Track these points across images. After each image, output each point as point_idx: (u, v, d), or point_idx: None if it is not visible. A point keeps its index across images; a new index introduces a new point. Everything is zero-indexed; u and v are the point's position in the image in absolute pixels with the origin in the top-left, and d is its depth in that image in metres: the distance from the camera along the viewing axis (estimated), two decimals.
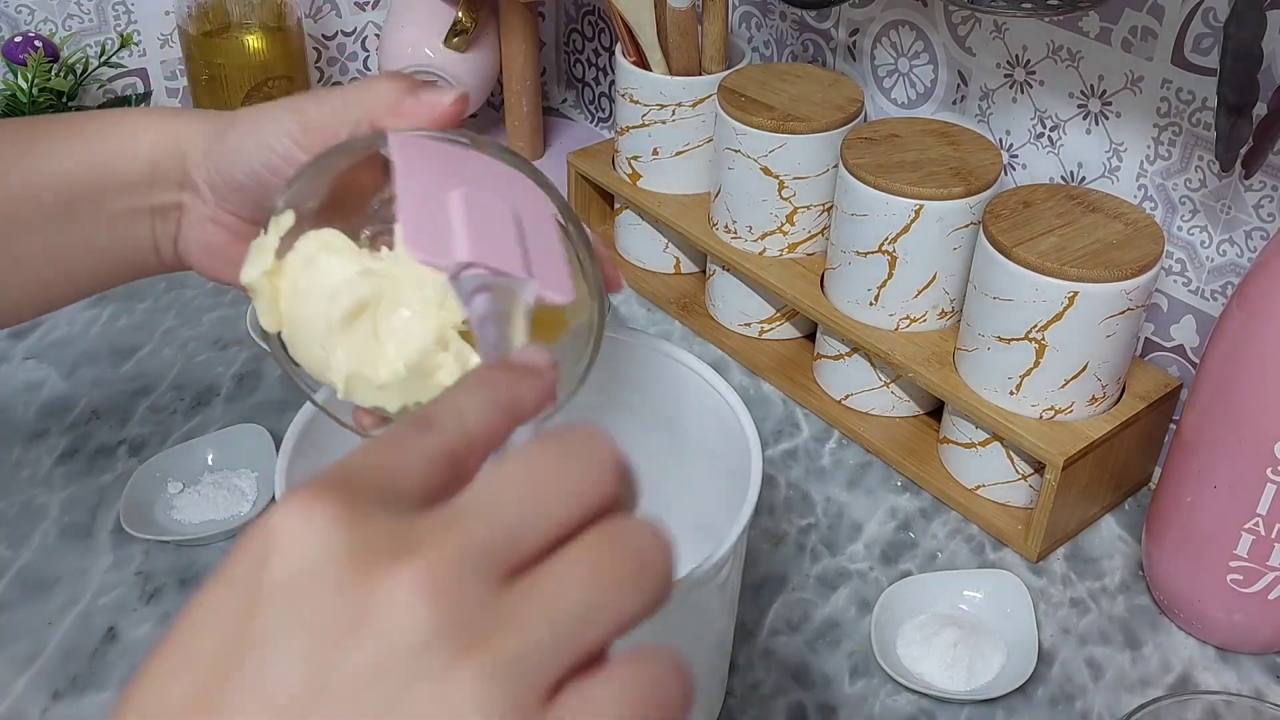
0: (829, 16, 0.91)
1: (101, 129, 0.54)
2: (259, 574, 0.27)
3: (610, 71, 1.12)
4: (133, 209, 0.54)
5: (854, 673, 0.67)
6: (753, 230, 0.85)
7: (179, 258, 0.56)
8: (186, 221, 0.55)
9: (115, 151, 0.54)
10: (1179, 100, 0.71)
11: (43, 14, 0.93)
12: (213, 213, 0.54)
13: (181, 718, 0.26)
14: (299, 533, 0.27)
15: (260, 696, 0.26)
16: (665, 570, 0.29)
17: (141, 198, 0.54)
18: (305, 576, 0.27)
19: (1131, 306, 0.69)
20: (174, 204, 0.55)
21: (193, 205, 0.54)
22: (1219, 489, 0.64)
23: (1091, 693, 0.66)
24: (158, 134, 0.54)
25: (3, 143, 0.54)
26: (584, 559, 0.28)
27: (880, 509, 0.77)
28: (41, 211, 0.53)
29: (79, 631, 0.68)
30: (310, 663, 0.26)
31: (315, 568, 0.27)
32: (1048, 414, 0.72)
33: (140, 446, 0.80)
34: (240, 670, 0.26)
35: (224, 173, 0.52)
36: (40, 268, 0.55)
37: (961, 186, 0.74)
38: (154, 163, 0.53)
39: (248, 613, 0.27)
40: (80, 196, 0.54)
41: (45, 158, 0.53)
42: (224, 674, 0.26)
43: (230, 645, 0.27)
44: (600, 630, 0.28)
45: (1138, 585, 0.73)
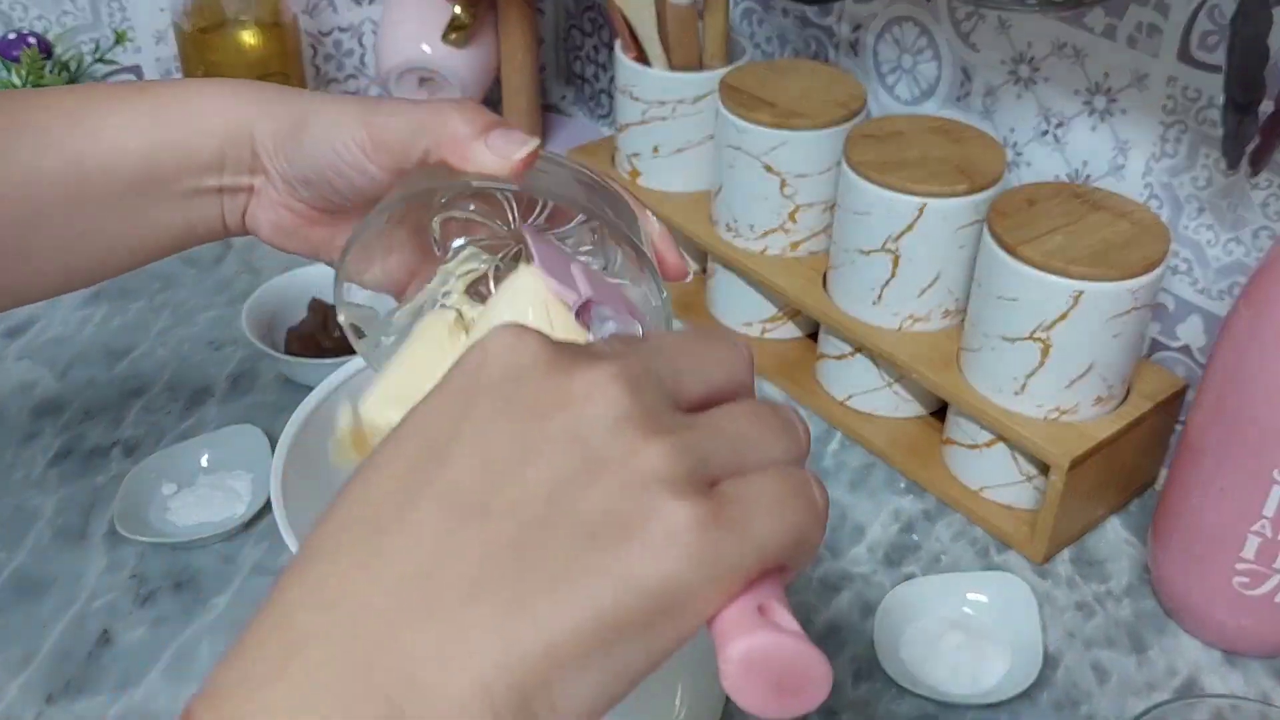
0: (831, 12, 0.90)
1: (169, 107, 0.54)
2: (476, 374, 0.32)
3: (610, 68, 1.12)
4: (201, 188, 0.55)
5: (857, 676, 0.66)
6: (754, 229, 0.85)
7: (246, 229, 0.57)
8: (257, 202, 0.55)
9: (185, 132, 0.54)
10: (1185, 98, 0.71)
11: (37, 10, 0.93)
12: (284, 199, 0.55)
13: (414, 470, 0.31)
14: (511, 343, 0.33)
15: (477, 455, 0.31)
16: (806, 434, 0.35)
17: (212, 179, 0.54)
18: (516, 370, 0.32)
19: (1137, 306, 0.68)
20: (245, 186, 0.55)
21: (264, 189, 0.55)
22: (1225, 491, 0.63)
23: (1097, 697, 0.66)
24: (229, 116, 0.54)
25: (69, 114, 0.54)
26: (744, 408, 0.34)
27: (883, 511, 0.77)
28: (110, 189, 0.54)
29: (73, 634, 0.67)
30: (519, 430, 0.31)
31: (526, 364, 0.32)
32: (1053, 415, 0.72)
33: (134, 448, 0.79)
34: (459, 438, 0.31)
35: (295, 168, 0.53)
36: (107, 240, 0.56)
37: (965, 184, 0.73)
38: (224, 146, 0.54)
39: (467, 401, 0.32)
40: (149, 176, 0.54)
41: (113, 135, 0.53)
42: (447, 440, 0.31)
43: (452, 422, 0.32)
44: (759, 454, 0.33)
45: (1143, 588, 0.72)
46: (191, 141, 0.54)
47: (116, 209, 0.54)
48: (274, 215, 0.56)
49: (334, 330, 0.83)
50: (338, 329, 0.83)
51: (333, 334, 0.83)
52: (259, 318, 0.84)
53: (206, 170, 0.54)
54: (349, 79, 1.09)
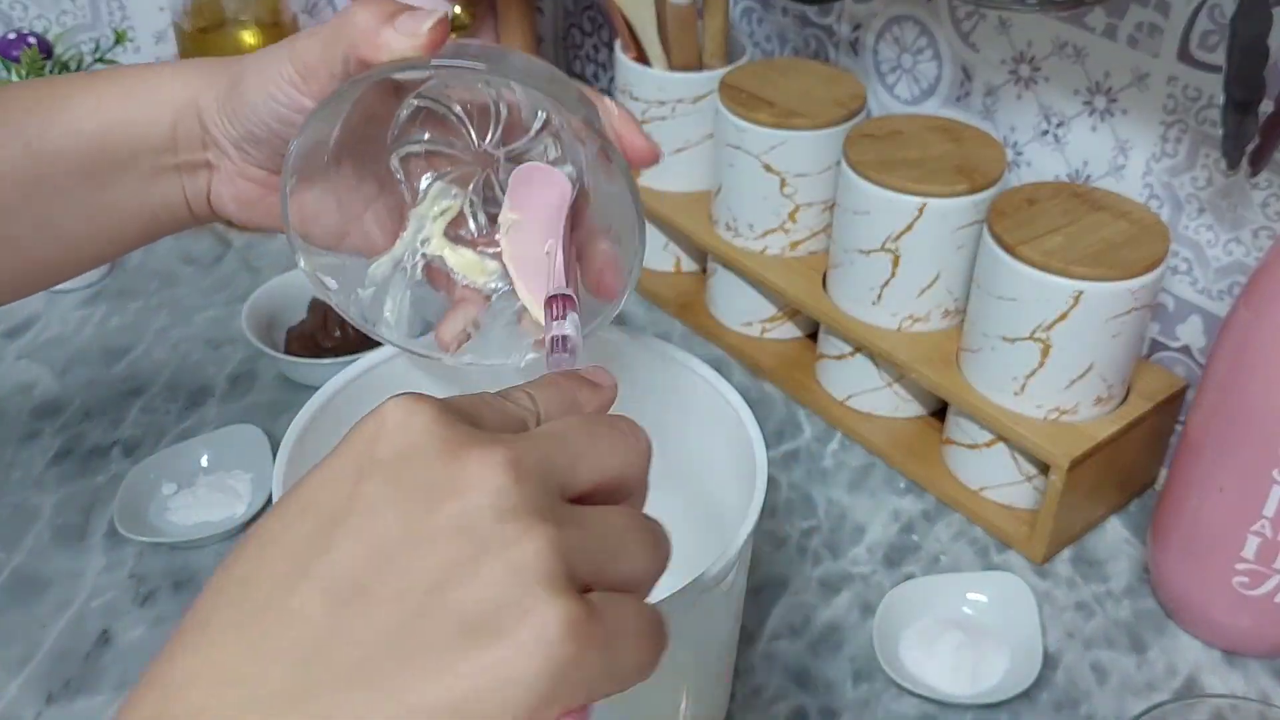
0: (831, 11, 0.90)
1: (122, 89, 0.54)
2: (370, 448, 0.33)
3: (609, 67, 1.12)
4: (159, 168, 0.54)
5: (856, 677, 0.66)
6: (754, 228, 0.85)
7: (213, 211, 0.57)
8: (216, 177, 0.55)
9: (137, 113, 0.54)
10: (1185, 97, 0.71)
11: (36, 10, 0.93)
12: (239, 167, 0.54)
13: (301, 550, 0.32)
14: (405, 420, 0.33)
15: (365, 540, 0.31)
16: (668, 555, 0.36)
17: (167, 157, 0.54)
18: (409, 451, 0.33)
19: (1137, 306, 0.68)
20: (201, 162, 0.55)
21: (219, 162, 0.55)
22: (1225, 491, 0.63)
23: (1097, 697, 0.66)
24: (176, 92, 0.54)
25: (25, 103, 0.54)
26: (626, 516, 0.35)
27: (883, 511, 0.77)
28: (67, 173, 0.53)
29: (72, 634, 0.67)
30: (408, 516, 0.31)
31: (418, 444, 0.33)
32: (1052, 415, 0.72)
33: (134, 447, 0.79)
34: (348, 519, 0.32)
35: (240, 128, 0.53)
36: (71, 227, 0.55)
37: (965, 184, 0.73)
38: (176, 123, 0.53)
39: (358, 478, 0.32)
40: (105, 158, 0.54)
41: (67, 119, 0.53)
42: (336, 520, 0.32)
43: (343, 501, 0.32)
44: (630, 567, 0.34)
45: (1143, 588, 0.72)
46: (142, 119, 0.53)
47: (74, 195, 0.54)
48: (234, 188, 0.55)
49: (334, 330, 0.83)
50: (338, 329, 0.83)
51: (333, 334, 0.83)
52: (258, 317, 0.84)
53: (161, 149, 0.54)
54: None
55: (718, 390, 0.60)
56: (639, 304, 0.94)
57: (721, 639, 0.56)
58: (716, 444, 0.60)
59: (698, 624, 0.52)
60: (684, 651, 0.52)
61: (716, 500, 0.60)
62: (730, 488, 0.58)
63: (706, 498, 0.61)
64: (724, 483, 0.59)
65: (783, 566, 0.73)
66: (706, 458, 0.61)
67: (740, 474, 0.56)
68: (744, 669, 0.66)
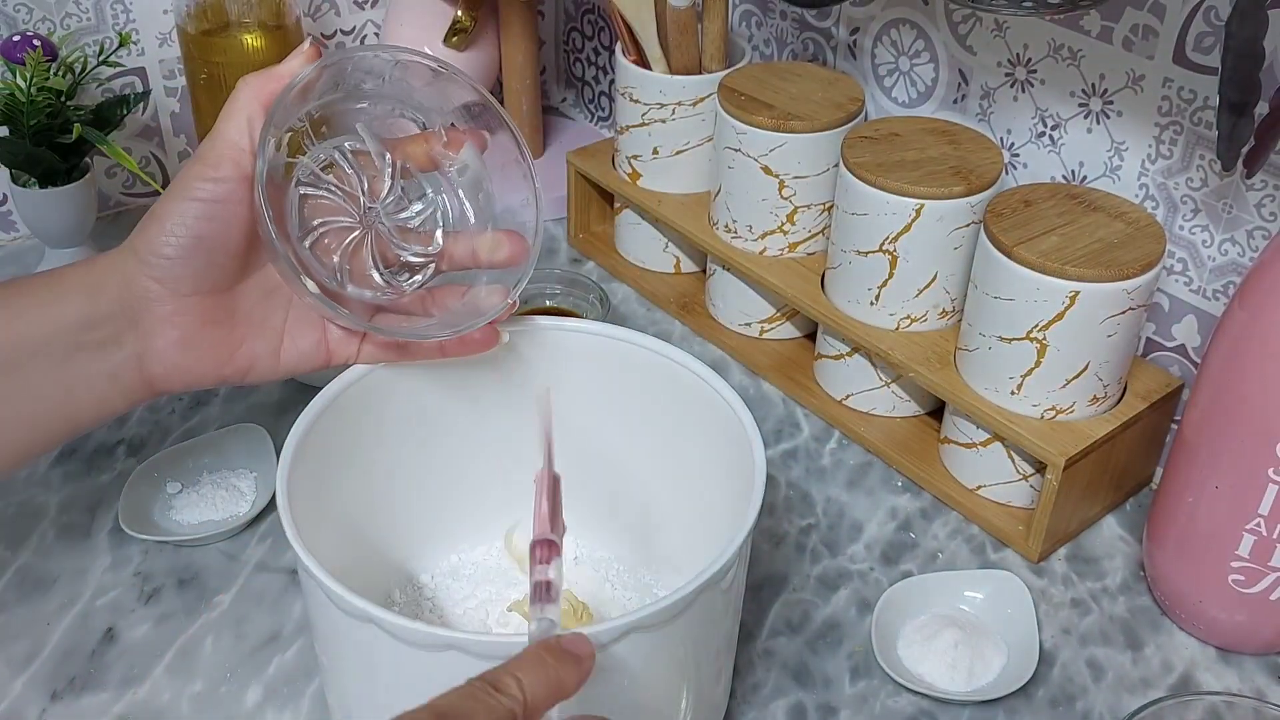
0: (829, 15, 0.90)
1: (23, 299, 0.56)
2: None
3: (610, 70, 1.12)
4: (76, 344, 0.55)
5: (854, 674, 0.67)
6: (753, 229, 0.85)
7: (145, 379, 0.57)
8: (146, 336, 0.56)
9: (44, 297, 0.55)
10: (1180, 99, 0.71)
11: (41, 13, 0.93)
12: (172, 306, 0.56)
13: None
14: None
15: None
16: None
17: (83, 334, 0.55)
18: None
19: (1133, 306, 0.69)
20: (122, 328, 0.56)
21: (145, 317, 0.56)
22: (1220, 489, 0.64)
23: (1093, 694, 0.66)
24: (84, 273, 0.56)
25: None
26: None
27: (881, 509, 0.77)
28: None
29: (77, 632, 0.67)
30: None
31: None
32: (1049, 414, 0.72)
33: (139, 446, 0.79)
34: None
35: (167, 252, 0.55)
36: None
37: (962, 186, 0.74)
38: (90, 298, 0.55)
39: None
40: (14, 343, 0.55)
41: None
42: None
43: None
44: None
45: (1139, 586, 0.72)
46: (54, 305, 0.55)
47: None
48: (172, 332, 0.56)
49: None
50: None
51: None
52: None
53: (77, 328, 0.55)
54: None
55: (716, 390, 0.60)
56: (639, 303, 0.95)
57: (721, 637, 0.57)
58: (716, 443, 0.60)
59: (698, 622, 0.53)
60: (684, 649, 0.53)
61: (715, 499, 0.61)
62: (729, 486, 0.58)
63: (706, 496, 0.62)
64: (723, 481, 0.59)
65: (781, 564, 0.73)
66: (706, 457, 0.61)
67: (739, 473, 0.57)
68: (743, 666, 0.67)
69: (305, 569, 0.51)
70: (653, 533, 0.67)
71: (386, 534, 0.65)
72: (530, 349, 0.64)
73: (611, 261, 0.98)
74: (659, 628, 0.50)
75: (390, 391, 0.63)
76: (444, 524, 0.68)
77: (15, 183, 0.90)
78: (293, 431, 0.57)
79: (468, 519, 0.68)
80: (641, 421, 0.65)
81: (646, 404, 0.64)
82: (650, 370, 0.63)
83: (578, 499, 0.54)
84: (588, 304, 0.91)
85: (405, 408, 0.63)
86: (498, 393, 0.65)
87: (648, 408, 0.65)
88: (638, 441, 0.65)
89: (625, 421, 0.65)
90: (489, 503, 0.67)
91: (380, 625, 0.49)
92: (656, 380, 0.63)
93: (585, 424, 0.64)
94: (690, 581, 0.50)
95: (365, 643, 0.51)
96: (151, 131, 1.02)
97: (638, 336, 0.64)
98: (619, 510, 0.67)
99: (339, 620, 0.51)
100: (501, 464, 0.66)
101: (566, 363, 0.65)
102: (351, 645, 0.52)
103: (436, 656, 0.48)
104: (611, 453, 0.66)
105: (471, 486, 0.67)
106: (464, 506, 0.68)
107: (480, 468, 0.67)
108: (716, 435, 0.60)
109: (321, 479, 0.58)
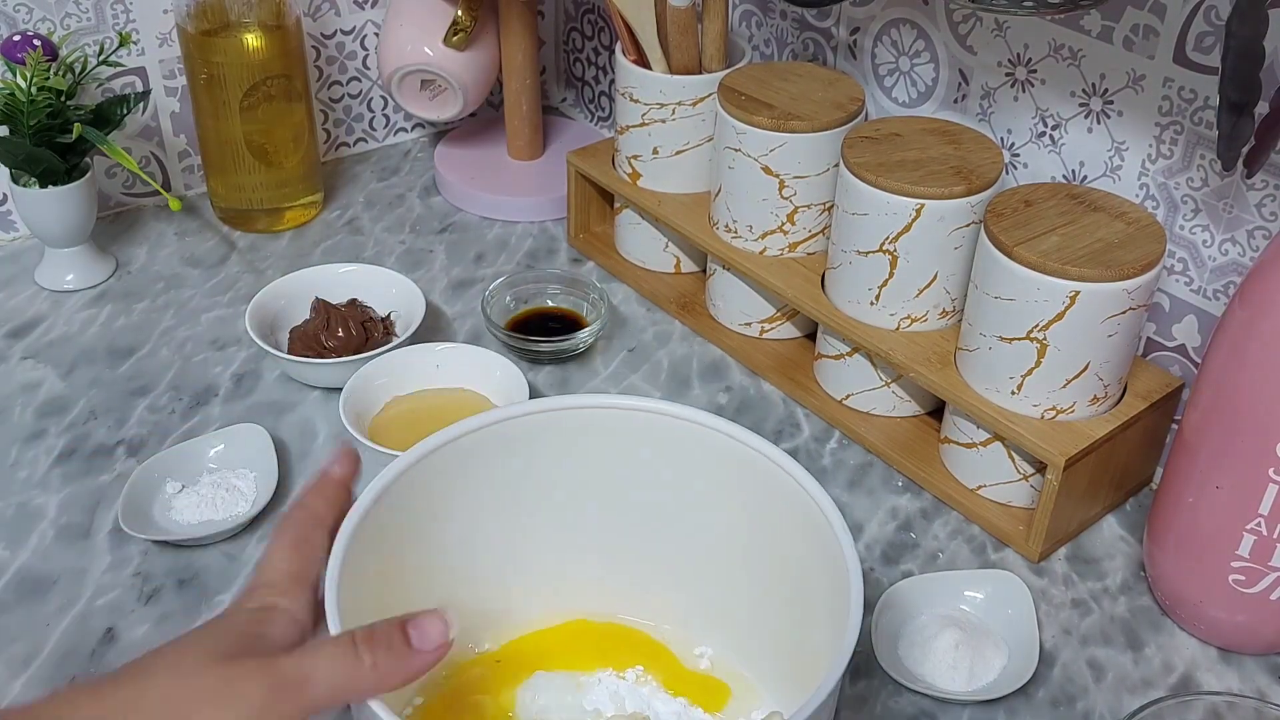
0: (829, 15, 0.90)
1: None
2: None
3: (610, 70, 1.12)
4: None
5: (855, 674, 0.67)
6: (753, 229, 0.85)
7: None
8: None
9: None
10: (1181, 99, 0.71)
11: (41, 13, 0.93)
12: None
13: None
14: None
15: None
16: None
17: None
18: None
19: (1133, 306, 0.69)
20: None
21: None
22: (1221, 489, 0.64)
23: (1093, 694, 0.66)
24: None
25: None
26: None
27: (881, 509, 0.77)
28: None
29: (77, 632, 0.67)
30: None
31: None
32: (1049, 414, 0.72)
33: (138, 447, 0.79)
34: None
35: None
36: None
37: (963, 185, 0.74)
38: None
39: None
40: None
41: None
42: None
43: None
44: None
45: (1139, 586, 0.72)
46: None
47: None
48: None
49: (336, 330, 0.84)
50: (340, 329, 0.84)
51: (335, 334, 0.84)
52: (262, 318, 0.85)
53: None
54: (351, 81, 1.09)
55: (816, 502, 0.56)
56: (640, 304, 0.95)
57: None
58: (811, 557, 0.57)
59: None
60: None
61: (807, 612, 0.57)
62: (823, 606, 0.55)
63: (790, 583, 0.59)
64: (816, 598, 0.56)
65: None
66: (797, 555, 0.58)
67: (835, 589, 0.54)
68: None
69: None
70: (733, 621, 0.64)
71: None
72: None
73: (611, 261, 0.98)
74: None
75: (457, 470, 0.60)
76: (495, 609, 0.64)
77: (15, 183, 0.90)
78: (341, 532, 0.53)
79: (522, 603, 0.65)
80: (735, 525, 0.62)
81: (743, 502, 0.61)
82: (745, 467, 0.59)
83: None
84: (588, 304, 0.91)
85: (469, 488, 0.61)
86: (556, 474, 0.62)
87: (744, 505, 0.61)
88: (733, 546, 0.62)
89: (721, 516, 0.62)
90: (545, 589, 0.65)
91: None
92: (750, 475, 0.59)
93: (648, 499, 0.62)
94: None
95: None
96: (151, 131, 1.02)
97: (743, 433, 0.60)
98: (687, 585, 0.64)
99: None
100: (559, 547, 0.64)
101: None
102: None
103: None
104: (687, 534, 0.63)
105: (526, 569, 0.64)
106: (518, 590, 0.65)
107: (537, 549, 0.64)
108: (811, 547, 0.56)
109: (367, 576, 0.55)
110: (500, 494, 0.62)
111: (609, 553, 0.64)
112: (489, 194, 1.05)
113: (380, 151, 1.14)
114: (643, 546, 0.64)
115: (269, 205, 1.00)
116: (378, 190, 1.08)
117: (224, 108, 0.95)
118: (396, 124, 1.14)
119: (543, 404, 0.61)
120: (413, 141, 1.15)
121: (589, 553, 0.64)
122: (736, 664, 0.63)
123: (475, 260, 0.99)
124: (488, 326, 0.89)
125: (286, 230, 1.02)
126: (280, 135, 0.98)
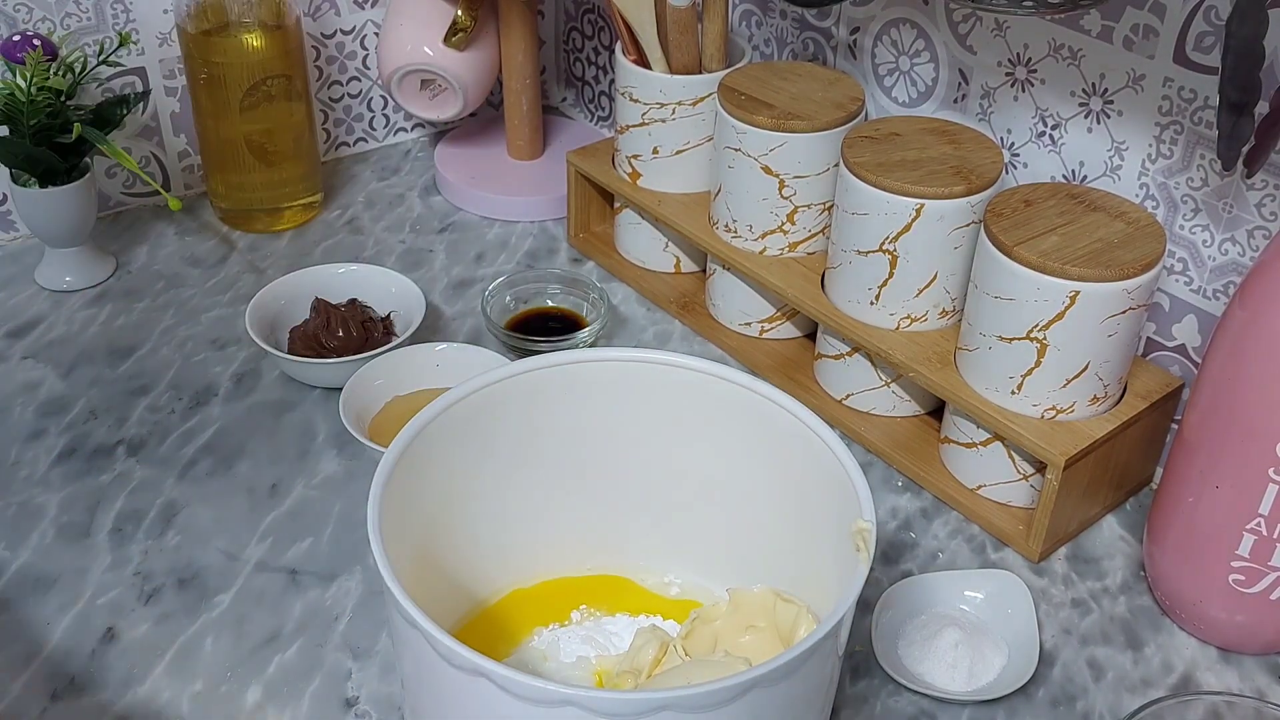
0: (829, 15, 0.90)
1: None
2: None
3: (610, 70, 1.12)
4: None
5: (855, 673, 0.67)
6: (753, 229, 0.85)
7: None
8: None
9: None
10: (1181, 99, 0.71)
11: (41, 12, 0.93)
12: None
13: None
14: None
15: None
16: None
17: None
18: None
19: (1133, 306, 0.69)
20: None
21: None
22: (1221, 489, 0.64)
23: (1093, 693, 0.66)
24: None
25: None
26: None
27: (881, 509, 0.77)
28: None
29: (77, 632, 0.67)
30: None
31: None
32: (1049, 414, 0.72)
33: (138, 447, 0.79)
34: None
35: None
36: None
37: (962, 185, 0.74)
38: None
39: None
40: None
41: None
42: None
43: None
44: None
45: (1139, 585, 0.72)
46: None
47: None
48: None
49: (336, 330, 0.84)
50: (340, 329, 0.84)
51: (335, 334, 0.84)
52: (262, 317, 0.85)
53: None
54: (351, 81, 1.09)
55: (836, 455, 0.58)
56: (640, 304, 0.95)
57: (826, 691, 0.55)
58: (828, 501, 0.59)
59: (812, 676, 0.52)
60: (798, 703, 0.52)
61: (823, 550, 0.59)
62: (835, 543, 0.57)
63: (813, 547, 0.61)
64: (830, 537, 0.58)
65: None
66: (816, 510, 0.60)
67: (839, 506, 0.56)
68: None
69: (409, 619, 0.49)
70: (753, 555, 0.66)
71: (463, 565, 0.65)
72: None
73: (611, 261, 0.98)
74: (776, 683, 0.48)
75: (494, 412, 0.62)
76: (521, 554, 0.68)
77: (15, 183, 0.90)
78: (380, 468, 0.55)
79: (544, 551, 0.68)
80: (753, 476, 0.64)
81: (768, 456, 0.63)
82: (767, 421, 0.62)
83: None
84: (588, 304, 0.91)
85: (507, 430, 0.63)
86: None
87: (769, 459, 0.63)
88: (741, 474, 0.64)
89: (730, 456, 0.64)
90: (571, 536, 0.68)
91: (493, 680, 0.47)
92: (777, 433, 0.62)
93: (688, 454, 0.65)
94: (798, 647, 0.48)
95: (475, 695, 0.48)
96: (151, 131, 1.02)
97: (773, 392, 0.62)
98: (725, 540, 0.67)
99: (445, 672, 0.49)
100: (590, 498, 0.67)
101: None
102: (458, 698, 0.50)
103: (552, 712, 0.47)
104: (717, 482, 0.65)
105: (555, 520, 0.67)
106: (542, 540, 0.68)
107: (568, 499, 0.67)
108: (829, 494, 0.59)
109: (405, 513, 0.57)
110: (527, 447, 0.64)
111: (636, 512, 0.68)
112: (489, 194, 1.05)
113: (380, 151, 1.14)
114: (667, 504, 0.67)
115: (269, 205, 1.00)
116: (378, 190, 1.08)
117: (224, 108, 0.95)
118: (396, 124, 1.14)
119: (571, 356, 0.64)
120: (413, 141, 1.15)
121: (616, 511, 0.68)
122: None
123: (475, 260, 0.99)
124: (488, 326, 0.89)
125: (286, 230, 1.02)
126: (280, 135, 0.98)
